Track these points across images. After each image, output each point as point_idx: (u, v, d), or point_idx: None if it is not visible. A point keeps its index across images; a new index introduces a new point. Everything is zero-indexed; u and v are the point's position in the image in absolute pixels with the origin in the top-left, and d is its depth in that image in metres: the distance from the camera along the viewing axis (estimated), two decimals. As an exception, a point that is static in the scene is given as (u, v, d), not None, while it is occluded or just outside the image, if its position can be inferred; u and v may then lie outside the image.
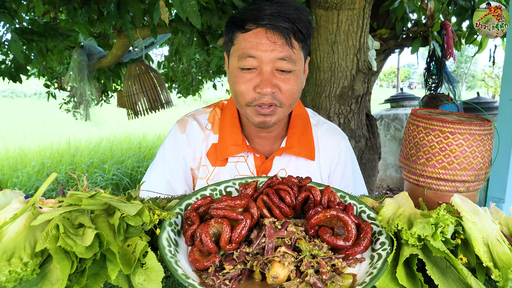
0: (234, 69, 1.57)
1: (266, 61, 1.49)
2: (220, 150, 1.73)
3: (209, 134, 1.78)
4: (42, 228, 0.93)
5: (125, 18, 3.40)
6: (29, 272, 0.81)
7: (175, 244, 1.03)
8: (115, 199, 1.02)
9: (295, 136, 1.76)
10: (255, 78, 1.52)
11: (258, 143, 1.78)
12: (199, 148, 1.76)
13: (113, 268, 0.86)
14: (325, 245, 1.01)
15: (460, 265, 0.90)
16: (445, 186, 1.26)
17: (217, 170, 1.74)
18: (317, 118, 1.90)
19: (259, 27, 1.49)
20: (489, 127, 1.25)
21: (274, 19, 1.47)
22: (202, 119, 1.81)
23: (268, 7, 1.49)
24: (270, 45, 1.48)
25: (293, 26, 1.49)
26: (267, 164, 1.74)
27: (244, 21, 1.52)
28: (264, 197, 1.14)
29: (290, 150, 1.74)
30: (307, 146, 1.77)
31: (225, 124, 1.76)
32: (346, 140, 1.90)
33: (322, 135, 1.84)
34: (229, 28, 1.59)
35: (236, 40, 1.55)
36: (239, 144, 1.72)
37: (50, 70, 6.91)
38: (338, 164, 1.84)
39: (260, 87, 1.50)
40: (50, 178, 0.98)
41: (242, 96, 1.56)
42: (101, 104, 6.94)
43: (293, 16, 1.49)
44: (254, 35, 1.50)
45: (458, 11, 4.41)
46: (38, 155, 10.00)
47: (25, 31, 3.93)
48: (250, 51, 1.50)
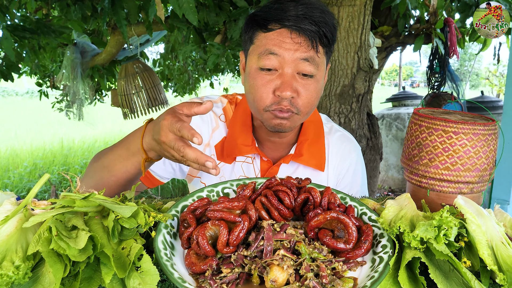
0: (252, 69, 1.52)
1: (289, 61, 1.44)
2: (227, 148, 1.71)
3: (222, 126, 1.75)
4: (34, 230, 0.93)
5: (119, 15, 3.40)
6: (21, 276, 0.81)
7: (171, 247, 1.02)
8: (109, 200, 1.02)
9: (306, 144, 1.73)
10: (275, 80, 1.47)
11: (267, 147, 1.75)
12: (207, 135, 1.74)
13: (107, 271, 0.86)
14: (325, 248, 1.01)
15: (464, 269, 0.90)
16: (448, 187, 1.26)
17: (222, 165, 1.73)
18: (330, 125, 1.86)
19: (283, 27, 1.45)
20: (494, 127, 1.25)
21: (300, 21, 1.42)
22: (217, 108, 1.78)
23: (293, 8, 1.44)
24: (294, 45, 1.44)
25: (318, 30, 1.44)
26: (273, 169, 1.72)
27: (267, 20, 1.47)
28: (263, 199, 1.14)
29: (299, 158, 1.71)
30: (318, 155, 1.74)
31: (236, 122, 1.73)
32: (358, 150, 1.86)
33: (333, 144, 1.80)
34: (250, 26, 1.54)
35: (257, 39, 1.51)
36: (248, 145, 1.69)
37: (43, 68, 6.91)
38: (346, 176, 1.81)
39: (280, 89, 1.45)
40: (43, 179, 0.98)
41: (260, 100, 1.50)
42: (94, 103, 6.95)
43: (319, 19, 1.44)
44: (277, 34, 1.45)
45: (461, 8, 4.42)
46: (30, 155, 10.00)
47: (17, 28, 3.93)
48: (273, 48, 1.44)
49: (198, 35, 4.48)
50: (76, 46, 5.31)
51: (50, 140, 12.22)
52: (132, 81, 5.21)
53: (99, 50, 5.53)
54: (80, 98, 5.68)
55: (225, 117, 1.77)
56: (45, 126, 16.27)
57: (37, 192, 1.04)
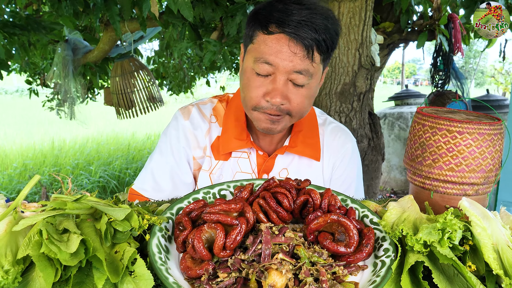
0: (248, 69, 1.56)
1: (282, 71, 1.48)
2: (223, 144, 1.74)
3: (214, 127, 1.79)
4: (25, 233, 0.93)
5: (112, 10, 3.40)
6: (11, 280, 0.81)
7: (165, 250, 1.02)
8: (102, 202, 1.02)
9: (300, 135, 1.77)
10: (267, 84, 1.51)
11: (262, 140, 1.79)
12: (203, 139, 1.77)
13: (99, 276, 0.86)
14: (325, 251, 1.02)
15: (469, 273, 0.90)
16: (453, 189, 1.26)
17: (221, 164, 1.75)
18: (324, 117, 1.91)
19: (282, 33, 1.46)
20: (499, 127, 1.26)
21: (300, 28, 1.44)
22: (206, 110, 1.82)
23: (296, 12, 1.45)
24: (290, 55, 1.47)
25: (318, 37, 1.46)
26: (269, 162, 1.76)
27: (269, 21, 1.48)
28: (261, 201, 1.14)
29: (293, 149, 1.75)
30: (312, 145, 1.79)
31: (230, 117, 1.77)
32: (353, 142, 1.90)
33: (327, 135, 1.84)
34: (251, 23, 1.56)
35: (256, 40, 1.53)
36: (243, 139, 1.73)
37: (33, 66, 6.90)
38: (340, 167, 1.84)
39: (271, 96, 1.50)
40: (33, 180, 0.98)
41: (250, 100, 1.56)
42: (86, 102, 6.95)
43: (321, 26, 1.46)
44: (276, 41, 1.47)
45: (466, 3, 4.41)
46: (20, 156, 9.98)
47: (6, 24, 3.92)
48: (269, 58, 1.48)
49: (193, 31, 4.48)
50: (68, 43, 5.30)
51: (40, 140, 12.19)
52: (129, 79, 5.21)
53: (91, 47, 5.53)
54: (72, 97, 5.68)
55: (216, 117, 1.81)
56: (35, 126, 16.25)
57: (27, 194, 1.04)
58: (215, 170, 1.75)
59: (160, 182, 1.75)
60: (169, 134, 1.79)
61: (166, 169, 1.76)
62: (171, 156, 1.76)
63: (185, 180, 1.77)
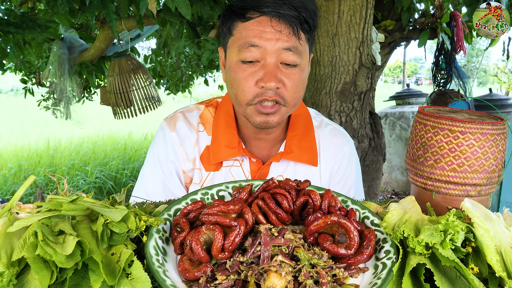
0: (233, 63, 1.53)
1: (271, 52, 1.46)
2: (213, 153, 1.69)
3: (202, 136, 1.73)
4: (19, 235, 0.93)
5: (109, 8, 3.40)
6: (5, 283, 0.81)
7: (163, 252, 1.02)
8: (98, 204, 1.02)
9: (295, 139, 1.73)
10: (258, 71, 1.48)
11: (255, 146, 1.75)
12: (191, 150, 1.72)
13: (96, 278, 0.86)
14: (325, 253, 1.02)
15: (471, 275, 0.90)
16: (455, 190, 1.27)
17: (212, 176, 1.71)
18: (320, 119, 1.86)
19: (262, 15, 1.46)
20: (502, 126, 1.26)
21: (279, 6, 1.43)
22: (193, 118, 1.76)
23: None
24: (275, 34, 1.45)
25: (299, 15, 1.46)
26: (263, 170, 1.71)
27: (245, 9, 1.48)
28: (260, 202, 1.14)
29: (289, 155, 1.71)
30: (309, 150, 1.74)
31: (219, 124, 1.71)
32: (351, 144, 1.86)
33: (324, 138, 1.80)
34: (227, 18, 1.55)
35: (236, 30, 1.51)
36: (234, 147, 1.68)
37: (28, 65, 6.89)
38: (338, 171, 1.80)
39: (264, 80, 1.46)
40: (28, 181, 0.98)
41: (243, 93, 1.51)
42: (83, 101, 6.93)
43: (299, 4, 1.46)
44: (257, 23, 1.46)
45: (468, 1, 4.41)
46: (14, 156, 9.96)
47: (1, 22, 3.92)
48: (253, 40, 1.45)
49: (191, 29, 4.47)
50: (63, 41, 5.29)
51: (35, 140, 12.17)
52: (127, 78, 5.20)
53: (87, 45, 5.52)
54: (68, 96, 5.66)
55: (204, 125, 1.76)
56: (30, 126, 16.24)
57: (22, 195, 1.04)
58: (207, 182, 1.70)
59: (153, 197, 1.69)
60: (157, 148, 1.74)
61: (157, 183, 1.72)
62: (161, 170, 1.72)
63: (177, 194, 1.71)
